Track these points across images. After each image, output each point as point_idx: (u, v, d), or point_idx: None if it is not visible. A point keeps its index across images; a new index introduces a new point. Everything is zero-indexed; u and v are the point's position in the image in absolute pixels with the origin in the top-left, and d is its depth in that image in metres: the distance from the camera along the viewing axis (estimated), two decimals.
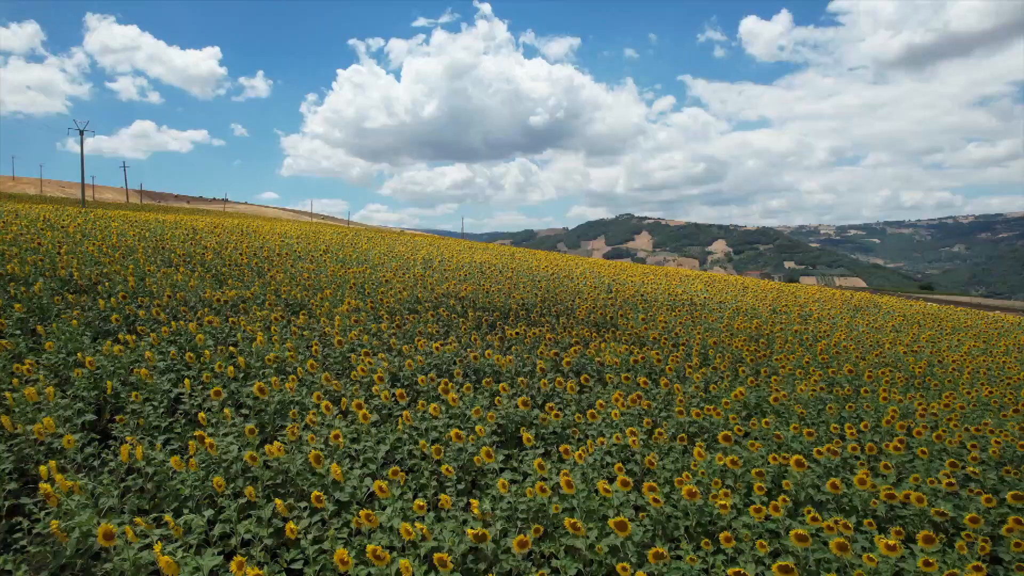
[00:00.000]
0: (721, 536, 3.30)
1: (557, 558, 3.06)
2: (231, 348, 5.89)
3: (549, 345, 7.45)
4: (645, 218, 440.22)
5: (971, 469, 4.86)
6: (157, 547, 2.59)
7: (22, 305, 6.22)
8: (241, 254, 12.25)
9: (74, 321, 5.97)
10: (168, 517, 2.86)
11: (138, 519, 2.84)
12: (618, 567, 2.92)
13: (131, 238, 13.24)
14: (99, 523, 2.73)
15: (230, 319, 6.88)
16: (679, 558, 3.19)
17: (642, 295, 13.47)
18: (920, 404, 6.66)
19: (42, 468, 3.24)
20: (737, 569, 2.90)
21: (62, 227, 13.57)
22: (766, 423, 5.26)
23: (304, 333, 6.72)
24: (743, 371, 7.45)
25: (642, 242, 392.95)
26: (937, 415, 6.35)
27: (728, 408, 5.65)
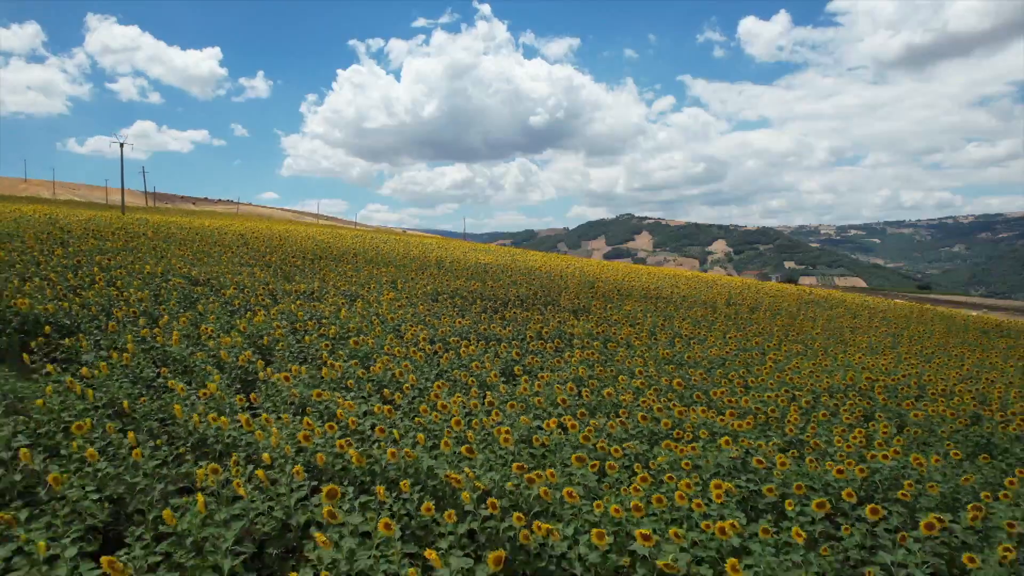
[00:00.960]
0: (621, 412, 6.19)
1: (530, 418, 5.93)
2: (322, 321, 8.79)
3: (537, 323, 10.33)
4: (645, 218, 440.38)
5: (800, 394, 7.73)
6: (340, 400, 5.48)
7: (177, 293, 9.13)
8: (293, 256, 15.16)
9: (215, 304, 8.88)
10: (337, 395, 5.75)
11: (324, 392, 5.72)
12: (562, 419, 5.79)
13: (198, 243, 16.15)
14: (308, 393, 5.63)
15: (311, 304, 9.78)
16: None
17: (618, 290, 16.37)
18: (796, 362, 9.54)
19: (261, 374, 6.14)
20: (622, 420, 5.78)
21: (142, 234, 16.48)
22: (671, 368, 8.16)
23: (364, 313, 9.61)
24: (678, 342, 10.33)
25: (642, 242, 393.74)
26: (801, 368, 9.23)
27: (650, 358, 8.54)
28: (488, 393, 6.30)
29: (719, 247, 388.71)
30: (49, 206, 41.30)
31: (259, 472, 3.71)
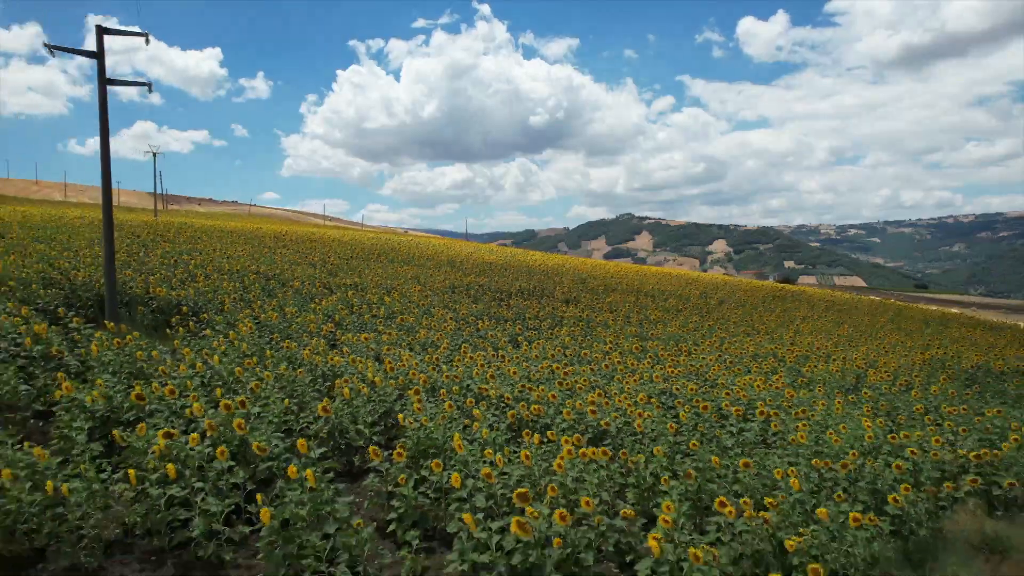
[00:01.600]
0: (592, 365, 8.92)
1: (529, 365, 8.66)
2: (372, 306, 11.54)
3: (535, 309, 13.06)
4: (645, 218, 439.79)
5: (729, 359, 10.45)
6: (401, 353, 8.23)
7: (258, 285, 11.87)
8: (329, 256, 17.90)
9: (289, 293, 11.63)
10: (399, 351, 8.48)
11: (392, 348, 8.45)
12: (551, 366, 8.52)
13: (243, 243, 18.87)
14: (379, 348, 8.37)
15: (360, 293, 12.52)
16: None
17: (605, 285, 19.12)
18: (738, 339, 12.26)
19: (343, 338, 8.90)
20: (591, 368, 8.52)
21: (198, 236, 19.22)
22: (635, 340, 10.90)
23: (401, 300, 12.35)
24: (646, 324, 13.06)
25: (642, 242, 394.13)
26: (741, 342, 11.96)
27: (620, 334, 11.28)
28: (499, 352, 9.04)
29: (719, 247, 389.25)
30: (82, 209, 44.08)
31: (376, 379, 6.46)
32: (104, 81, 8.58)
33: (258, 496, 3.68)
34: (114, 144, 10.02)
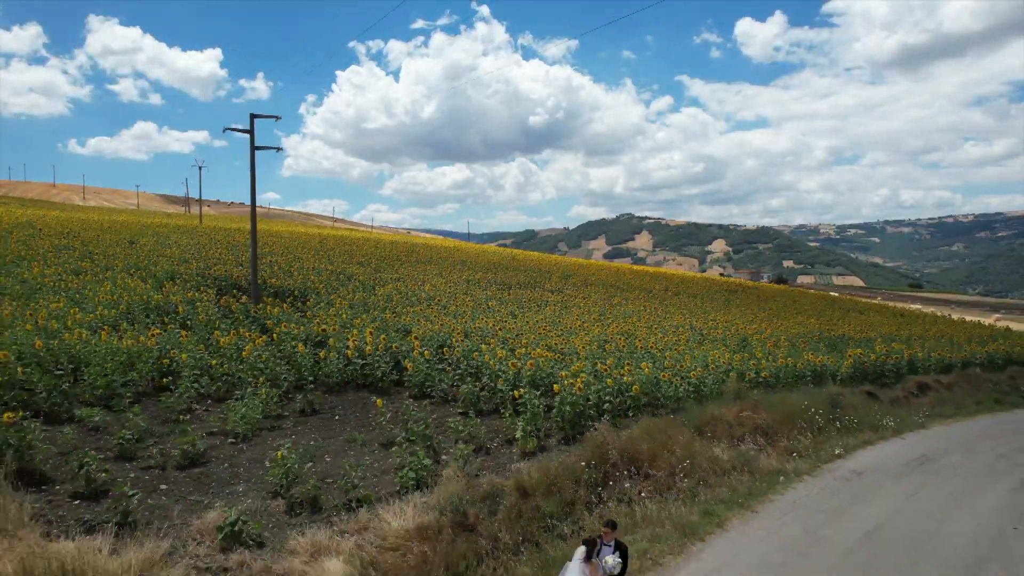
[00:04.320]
0: (563, 326, 13.93)
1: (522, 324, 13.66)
2: (415, 292, 16.55)
3: (529, 296, 18.04)
4: (645, 218, 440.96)
5: (656, 326, 15.40)
6: (444, 319, 13.27)
7: (334, 279, 16.88)
8: (369, 258, 22.91)
9: (356, 282, 16.65)
10: (440, 317, 13.48)
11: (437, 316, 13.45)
12: (536, 326, 13.53)
13: (300, 248, 23.86)
14: (428, 315, 13.38)
15: (403, 284, 17.54)
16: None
17: (585, 281, 24.14)
18: (668, 316, 17.21)
19: (401, 310, 13.94)
20: (562, 327, 13.53)
21: (264, 243, 24.20)
22: (597, 315, 15.90)
23: (434, 288, 17.35)
24: (609, 307, 18.04)
25: (642, 242, 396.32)
26: (671, 317, 16.92)
27: (594, 309, 16.28)
28: (503, 319, 14.01)
29: (718, 246, 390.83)
30: (108, 215, 49.08)
31: (435, 327, 11.46)
32: (253, 148, 13.58)
33: (405, 360, 8.69)
34: (115, 144, 15.10)
